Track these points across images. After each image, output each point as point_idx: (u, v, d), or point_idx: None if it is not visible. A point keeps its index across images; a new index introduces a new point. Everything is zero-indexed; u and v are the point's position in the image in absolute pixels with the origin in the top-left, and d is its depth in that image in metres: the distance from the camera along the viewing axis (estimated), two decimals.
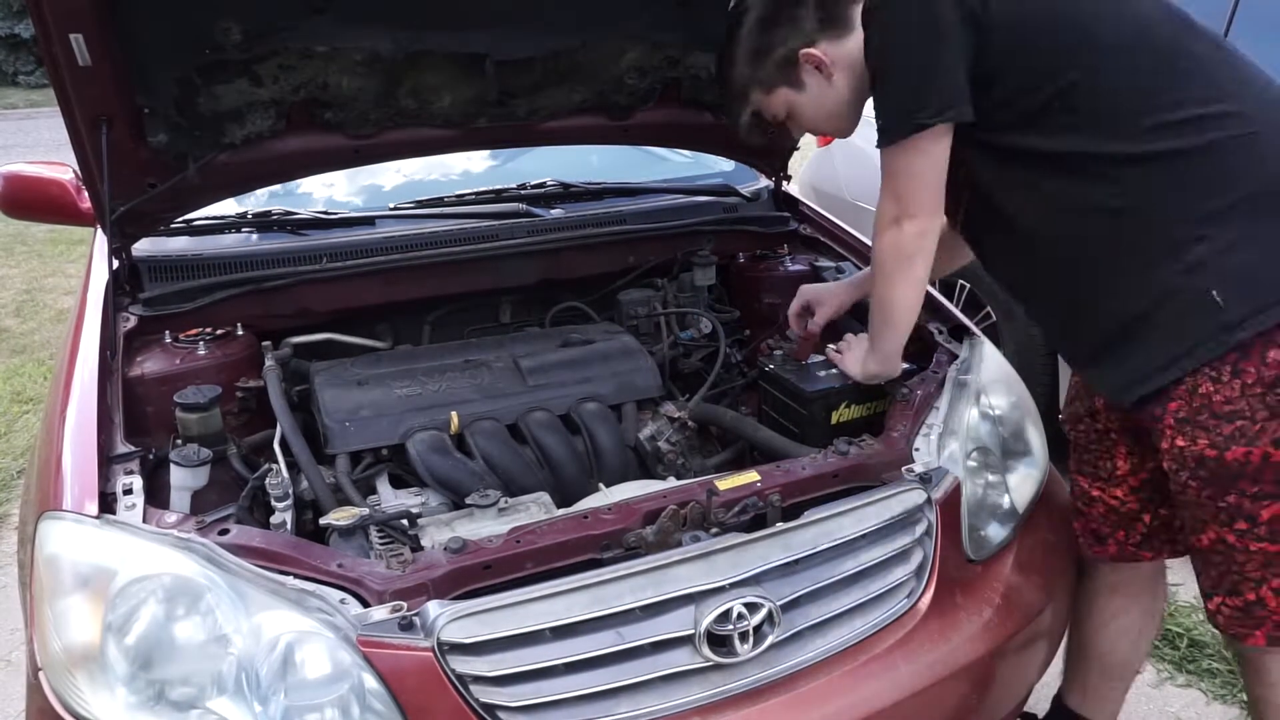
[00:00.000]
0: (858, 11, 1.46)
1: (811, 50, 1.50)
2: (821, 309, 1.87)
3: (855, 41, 1.48)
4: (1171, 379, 1.35)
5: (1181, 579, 2.64)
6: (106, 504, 1.27)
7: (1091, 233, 1.39)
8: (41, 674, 1.17)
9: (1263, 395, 1.28)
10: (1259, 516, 1.33)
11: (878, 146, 1.43)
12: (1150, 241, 1.34)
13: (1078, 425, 1.72)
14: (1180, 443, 1.36)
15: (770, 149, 2.36)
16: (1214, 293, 1.29)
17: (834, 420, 1.75)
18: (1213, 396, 1.31)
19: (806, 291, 1.91)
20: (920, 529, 1.49)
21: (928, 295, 2.01)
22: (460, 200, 2.25)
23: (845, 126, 1.63)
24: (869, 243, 2.22)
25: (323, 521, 1.43)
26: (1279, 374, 1.27)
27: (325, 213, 2.17)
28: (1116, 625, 1.77)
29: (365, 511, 1.42)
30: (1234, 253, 1.29)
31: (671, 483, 1.64)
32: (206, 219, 2.02)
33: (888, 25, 1.39)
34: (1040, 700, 1.96)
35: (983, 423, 1.69)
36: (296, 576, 1.22)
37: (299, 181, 2.30)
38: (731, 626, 1.27)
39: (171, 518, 1.27)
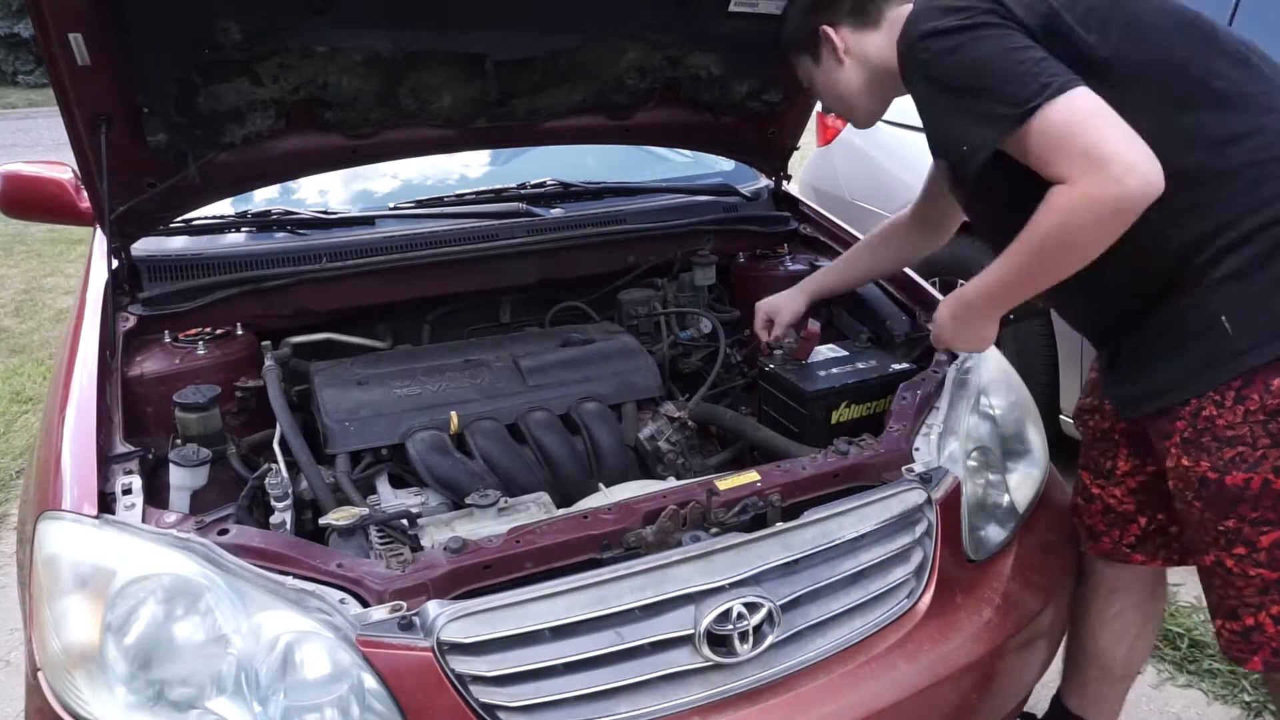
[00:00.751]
0: (889, 14, 1.53)
1: (829, 30, 1.57)
2: (779, 317, 1.94)
3: (875, 42, 1.55)
4: (1176, 400, 1.35)
5: (1181, 579, 2.64)
6: (106, 504, 1.27)
7: (1110, 251, 1.32)
8: (40, 674, 1.17)
9: (1265, 423, 1.28)
10: (1257, 542, 1.33)
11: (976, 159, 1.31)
12: (1167, 263, 1.32)
13: (1087, 420, 1.71)
14: (1185, 462, 1.37)
15: (770, 148, 2.36)
16: (1224, 319, 1.28)
17: (834, 420, 1.75)
18: (1215, 420, 1.32)
19: (763, 306, 1.98)
20: (920, 529, 1.49)
21: (928, 295, 2.02)
22: (460, 200, 2.25)
23: (854, 113, 1.68)
24: None
25: (322, 521, 1.43)
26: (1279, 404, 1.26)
27: (325, 213, 2.17)
28: (1114, 627, 1.77)
29: (365, 511, 1.42)
30: (1247, 280, 1.28)
31: (671, 483, 1.63)
32: (206, 219, 2.02)
33: (940, 67, 1.33)
34: (1040, 700, 1.96)
35: (983, 423, 1.68)
36: (296, 576, 1.22)
37: (299, 181, 2.30)
38: (731, 626, 1.27)
39: (171, 518, 1.27)
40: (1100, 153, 1.21)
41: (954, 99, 1.34)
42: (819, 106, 1.90)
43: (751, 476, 1.45)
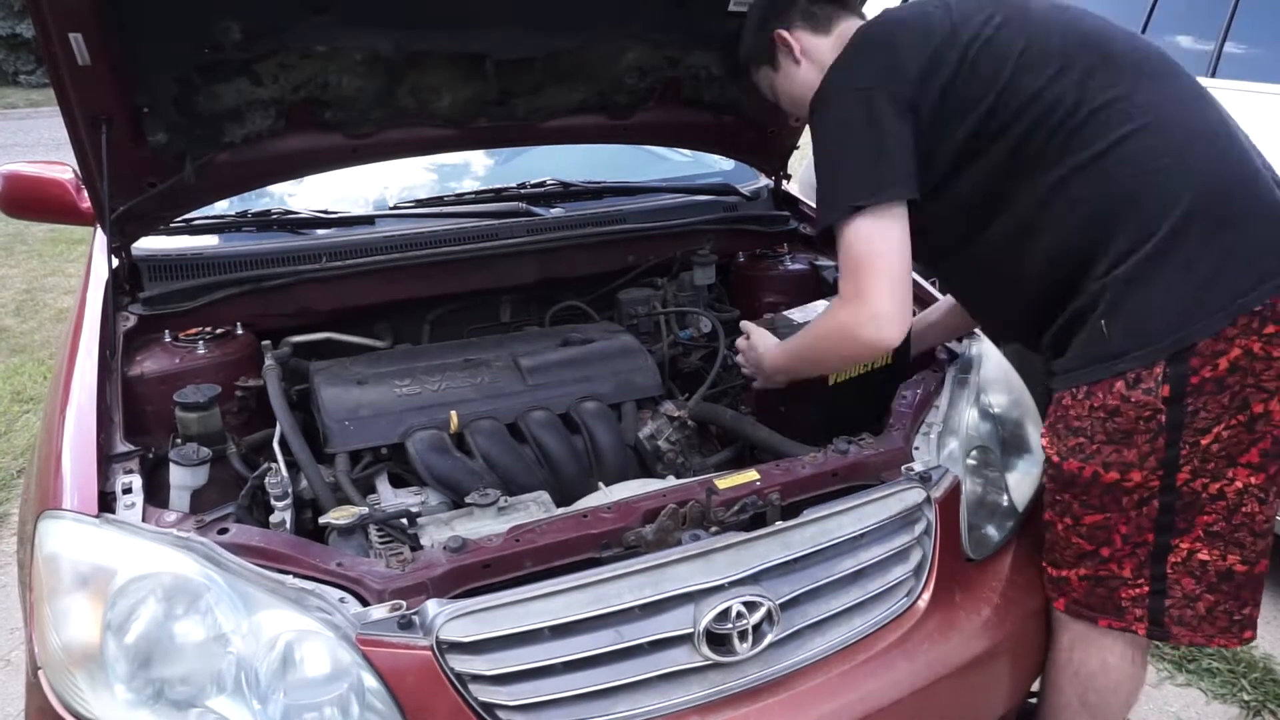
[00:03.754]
0: (839, 25, 1.61)
1: (784, 33, 1.63)
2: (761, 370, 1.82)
3: (825, 47, 1.60)
4: (1055, 388, 1.48)
5: None
6: (106, 503, 1.27)
7: (1025, 262, 1.46)
8: (41, 673, 1.17)
9: (1103, 421, 1.39)
10: (1082, 519, 1.47)
11: (819, 230, 1.52)
12: (1068, 270, 1.41)
13: None
14: (1044, 441, 1.51)
15: (770, 148, 2.37)
16: (1103, 324, 1.37)
17: (831, 381, 1.75)
18: (1069, 410, 1.44)
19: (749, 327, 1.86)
20: (919, 528, 1.49)
21: (928, 295, 2.02)
22: (460, 199, 2.26)
23: None
24: None
25: (322, 520, 1.43)
26: (1118, 405, 1.36)
27: (325, 212, 2.17)
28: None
29: (365, 510, 1.42)
30: (1130, 290, 1.34)
31: (671, 481, 1.64)
32: (206, 218, 2.02)
33: (827, 121, 1.48)
34: None
35: (983, 422, 1.69)
36: (296, 575, 1.22)
37: (299, 181, 2.30)
38: (730, 625, 1.27)
39: (171, 517, 1.27)
40: (864, 293, 1.42)
41: (822, 162, 1.50)
42: None
43: (751, 475, 1.45)
